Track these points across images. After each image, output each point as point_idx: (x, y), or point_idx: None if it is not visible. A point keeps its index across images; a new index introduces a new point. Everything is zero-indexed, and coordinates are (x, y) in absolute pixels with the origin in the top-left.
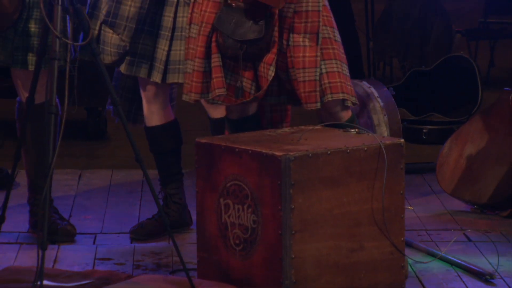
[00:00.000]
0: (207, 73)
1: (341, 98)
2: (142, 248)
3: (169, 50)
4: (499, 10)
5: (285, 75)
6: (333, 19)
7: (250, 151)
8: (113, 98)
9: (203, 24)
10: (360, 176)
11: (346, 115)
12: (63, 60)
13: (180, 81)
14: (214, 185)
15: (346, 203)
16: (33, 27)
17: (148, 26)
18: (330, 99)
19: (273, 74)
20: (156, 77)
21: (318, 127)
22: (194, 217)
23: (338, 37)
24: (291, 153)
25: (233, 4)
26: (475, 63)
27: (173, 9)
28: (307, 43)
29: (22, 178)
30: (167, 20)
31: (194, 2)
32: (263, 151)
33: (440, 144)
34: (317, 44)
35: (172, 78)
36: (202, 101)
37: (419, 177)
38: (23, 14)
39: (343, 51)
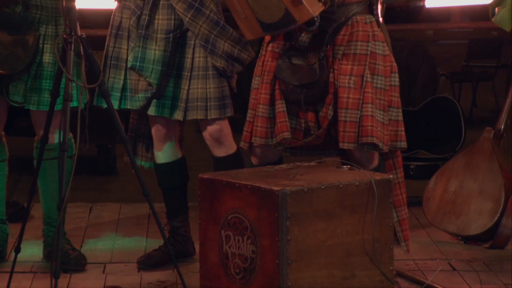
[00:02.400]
0: (271, 119)
1: (369, 141)
2: (149, 276)
3: (188, 89)
4: (480, 55)
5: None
6: (379, 67)
7: (249, 186)
8: (121, 137)
9: (266, 73)
10: (352, 209)
11: (372, 164)
12: (76, 101)
13: (199, 117)
14: (216, 218)
15: (339, 235)
16: (46, 70)
17: (169, 68)
18: (360, 141)
19: (332, 113)
20: (178, 115)
21: (312, 163)
22: (197, 248)
23: (378, 83)
24: (288, 188)
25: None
26: (459, 104)
27: (191, 50)
28: (352, 85)
29: (36, 211)
30: (187, 61)
31: (260, 57)
32: (262, 186)
33: (426, 179)
34: (361, 87)
35: (191, 115)
36: (206, 140)
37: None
38: (37, 58)
39: (382, 97)
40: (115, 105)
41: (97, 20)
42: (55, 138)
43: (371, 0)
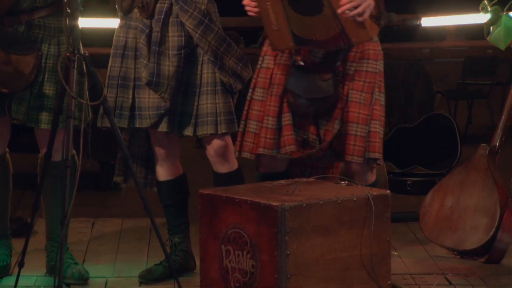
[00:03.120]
0: (277, 131)
1: (377, 157)
2: None
3: (198, 104)
4: (475, 73)
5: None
6: (383, 84)
7: (249, 202)
8: (124, 153)
9: (275, 86)
10: (350, 224)
11: (371, 178)
12: (78, 118)
13: (210, 132)
14: (216, 233)
15: (337, 249)
16: (47, 89)
17: (179, 84)
18: (366, 156)
19: (338, 128)
20: (188, 131)
21: (311, 179)
22: (197, 262)
23: (382, 101)
24: (287, 203)
25: (302, 63)
26: (455, 121)
27: (199, 66)
28: (362, 101)
29: (40, 226)
30: (195, 78)
31: (259, 68)
32: (261, 201)
33: (423, 195)
34: (370, 103)
35: (202, 130)
36: (209, 156)
37: (404, 225)
38: (39, 77)
39: (384, 114)
40: (124, 124)
41: (98, 38)
42: (58, 155)
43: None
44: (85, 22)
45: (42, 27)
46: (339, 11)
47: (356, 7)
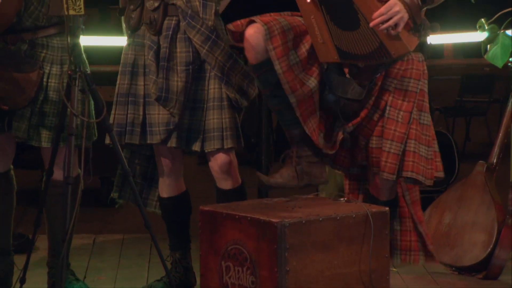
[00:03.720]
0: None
1: (409, 175)
2: None
3: (205, 120)
4: (473, 90)
5: (365, 142)
6: (425, 104)
7: (249, 218)
8: (124, 170)
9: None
10: (349, 241)
11: (390, 195)
12: (80, 136)
13: (216, 147)
14: (216, 249)
15: (336, 266)
16: (49, 107)
17: (186, 100)
18: (399, 174)
19: (351, 130)
20: (196, 146)
21: (310, 196)
22: (198, 278)
23: (424, 120)
24: (286, 220)
25: (348, 76)
26: (452, 138)
27: (206, 82)
28: (400, 119)
29: (41, 242)
30: (202, 93)
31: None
32: (261, 217)
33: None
34: (408, 122)
35: (209, 146)
36: (213, 172)
37: None
38: (40, 95)
39: (428, 133)
40: (136, 140)
41: (99, 56)
42: (61, 174)
43: (423, 40)
44: (86, 40)
45: (45, 46)
46: (371, 25)
47: (387, 20)
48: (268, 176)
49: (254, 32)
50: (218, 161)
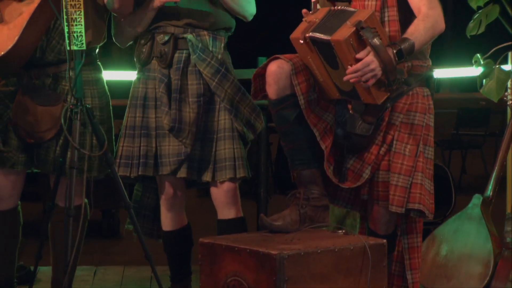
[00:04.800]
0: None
1: (416, 207)
2: None
3: (216, 150)
4: (469, 123)
5: (370, 176)
6: (430, 138)
7: (248, 250)
8: (125, 202)
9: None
10: (347, 272)
11: (390, 228)
12: (81, 169)
13: (228, 176)
14: (216, 281)
15: None
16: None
17: (197, 131)
18: (406, 207)
19: (367, 177)
20: (207, 177)
21: (308, 228)
22: None
23: (429, 154)
24: (285, 252)
25: (351, 111)
26: (449, 171)
27: (216, 113)
28: (407, 153)
29: (43, 274)
30: (213, 124)
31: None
32: (260, 249)
33: None
34: (415, 155)
35: (221, 176)
36: (217, 201)
37: None
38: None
39: (431, 167)
40: (150, 172)
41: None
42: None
43: (429, 75)
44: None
45: (67, 79)
46: (345, 78)
47: (361, 75)
48: (271, 219)
49: (277, 67)
50: (224, 188)
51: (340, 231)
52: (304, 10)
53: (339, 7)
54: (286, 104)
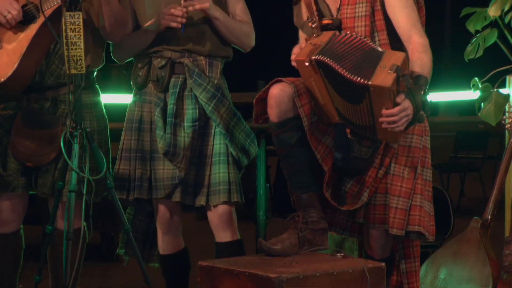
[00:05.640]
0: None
1: (416, 229)
2: None
3: (210, 174)
4: (467, 147)
5: (367, 199)
6: (428, 160)
7: (247, 273)
8: (125, 226)
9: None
10: None
11: (386, 253)
12: (80, 192)
13: (222, 199)
14: None
15: None
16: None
17: (192, 155)
18: (406, 229)
19: (365, 199)
20: (201, 201)
21: (307, 252)
22: None
23: (427, 176)
24: (284, 275)
25: (350, 136)
26: (448, 194)
27: (211, 138)
28: (405, 175)
29: None
30: (208, 148)
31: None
32: (259, 273)
33: None
34: (414, 178)
35: (214, 199)
36: (213, 224)
37: None
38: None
39: (430, 189)
40: (144, 195)
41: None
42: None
43: (424, 98)
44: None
45: (67, 103)
46: (380, 119)
47: (396, 121)
48: (269, 243)
49: (280, 90)
50: (219, 211)
51: (338, 254)
52: (295, 51)
53: (349, 35)
54: (288, 127)
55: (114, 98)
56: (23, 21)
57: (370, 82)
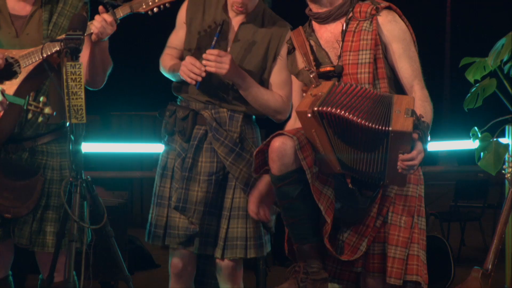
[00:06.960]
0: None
1: (414, 279)
2: None
3: (227, 228)
4: (467, 195)
5: (365, 248)
6: (422, 209)
7: None
8: (125, 275)
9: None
10: None
11: None
12: (80, 242)
13: (239, 256)
14: None
15: None
16: (50, 213)
17: (212, 207)
18: (404, 278)
19: (364, 249)
20: (217, 253)
21: None
22: None
23: (422, 225)
24: None
25: (350, 185)
26: (448, 243)
27: (231, 191)
28: (402, 224)
29: None
30: (227, 201)
31: None
32: None
33: None
34: (411, 227)
35: (231, 253)
36: (218, 275)
37: None
38: (42, 201)
39: (424, 238)
40: (158, 242)
41: (101, 162)
42: (59, 276)
43: None
44: (87, 147)
45: (45, 153)
46: (400, 164)
47: (415, 165)
48: None
49: (282, 143)
50: (225, 266)
51: None
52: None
53: (348, 84)
54: (290, 180)
55: (117, 147)
56: (3, 76)
57: (390, 128)
